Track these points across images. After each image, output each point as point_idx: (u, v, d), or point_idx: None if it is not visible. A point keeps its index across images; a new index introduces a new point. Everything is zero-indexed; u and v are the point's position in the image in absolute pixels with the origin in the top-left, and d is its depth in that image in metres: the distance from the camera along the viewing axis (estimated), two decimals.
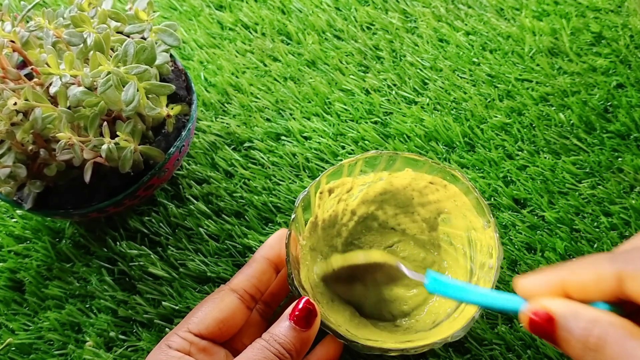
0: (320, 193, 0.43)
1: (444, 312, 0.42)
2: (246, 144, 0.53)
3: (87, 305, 0.46)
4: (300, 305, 0.36)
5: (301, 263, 0.42)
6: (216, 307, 0.38)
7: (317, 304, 0.37)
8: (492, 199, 0.49)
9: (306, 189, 0.41)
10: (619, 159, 0.50)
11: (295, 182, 0.51)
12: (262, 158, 0.52)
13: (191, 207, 0.50)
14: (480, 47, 0.57)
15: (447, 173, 0.42)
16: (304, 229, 0.43)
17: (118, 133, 0.41)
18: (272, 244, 0.42)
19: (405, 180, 0.44)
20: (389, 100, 0.55)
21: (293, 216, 0.40)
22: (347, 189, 0.44)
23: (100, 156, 0.40)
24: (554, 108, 0.53)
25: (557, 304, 0.28)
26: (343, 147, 0.52)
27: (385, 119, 0.54)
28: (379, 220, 0.46)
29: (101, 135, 0.40)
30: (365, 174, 0.44)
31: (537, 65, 0.56)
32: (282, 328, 0.36)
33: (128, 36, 0.42)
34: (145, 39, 0.41)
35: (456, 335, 0.37)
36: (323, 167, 0.51)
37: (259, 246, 0.48)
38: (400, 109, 0.54)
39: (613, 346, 0.25)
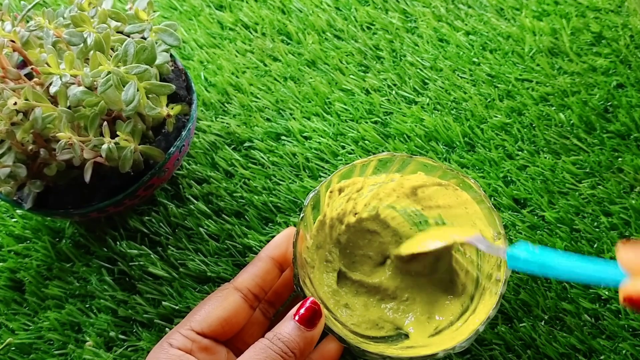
0: (331, 192, 0.43)
1: (447, 320, 0.42)
2: (246, 144, 0.53)
3: (87, 305, 0.46)
4: (306, 305, 0.36)
5: (308, 263, 0.42)
6: (219, 306, 0.38)
7: (321, 304, 0.37)
8: (493, 199, 0.49)
9: (316, 188, 0.41)
10: (619, 159, 0.50)
11: (295, 182, 0.51)
12: (262, 158, 0.52)
13: (191, 207, 0.50)
14: (481, 47, 0.57)
15: (460, 179, 0.42)
16: (312, 227, 0.43)
17: (118, 133, 0.41)
18: (278, 244, 0.41)
19: (416, 182, 0.44)
20: (389, 100, 0.55)
21: (302, 215, 0.40)
22: (357, 188, 0.44)
23: (100, 156, 0.40)
24: (554, 108, 0.53)
25: None
26: (343, 147, 0.52)
27: (385, 118, 0.54)
28: (385, 223, 0.46)
29: (101, 135, 0.40)
30: (376, 175, 0.44)
31: (537, 65, 0.56)
32: (286, 327, 0.36)
33: (128, 36, 0.42)
34: (145, 38, 0.41)
35: (460, 346, 0.37)
36: (323, 167, 0.51)
37: (259, 246, 0.48)
38: (400, 108, 0.54)
39: None
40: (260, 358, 0.34)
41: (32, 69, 0.42)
